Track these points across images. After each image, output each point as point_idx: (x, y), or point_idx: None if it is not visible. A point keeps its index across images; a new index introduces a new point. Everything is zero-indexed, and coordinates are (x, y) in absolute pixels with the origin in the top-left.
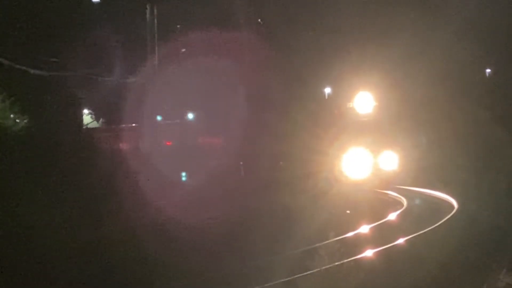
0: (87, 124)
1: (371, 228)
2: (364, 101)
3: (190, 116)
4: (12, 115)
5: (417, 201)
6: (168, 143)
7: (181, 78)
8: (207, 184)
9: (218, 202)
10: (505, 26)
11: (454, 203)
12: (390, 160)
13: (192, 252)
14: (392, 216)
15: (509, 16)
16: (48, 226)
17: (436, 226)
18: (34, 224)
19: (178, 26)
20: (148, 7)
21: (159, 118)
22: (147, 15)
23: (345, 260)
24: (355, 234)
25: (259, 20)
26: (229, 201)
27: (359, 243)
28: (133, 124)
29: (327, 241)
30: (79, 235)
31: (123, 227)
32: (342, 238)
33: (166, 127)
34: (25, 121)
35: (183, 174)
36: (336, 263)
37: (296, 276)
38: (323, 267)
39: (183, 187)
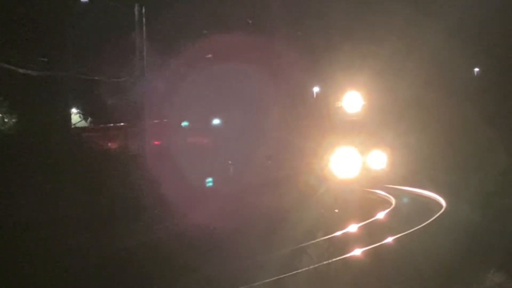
0: (76, 123)
1: (359, 227)
2: (352, 100)
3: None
4: (0, 114)
5: (405, 200)
6: (156, 142)
7: (171, 80)
8: (195, 184)
9: (205, 202)
10: (494, 25)
11: (443, 202)
12: (379, 159)
13: (178, 252)
14: (381, 215)
15: (497, 16)
16: (39, 224)
17: (424, 225)
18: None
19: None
20: (136, 6)
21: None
22: (136, 15)
23: (334, 259)
24: (344, 233)
25: (249, 20)
26: (216, 200)
27: (347, 242)
28: (121, 124)
29: (315, 241)
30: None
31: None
32: (330, 237)
33: (154, 126)
34: (14, 120)
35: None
36: (325, 262)
37: (284, 275)
38: (312, 266)
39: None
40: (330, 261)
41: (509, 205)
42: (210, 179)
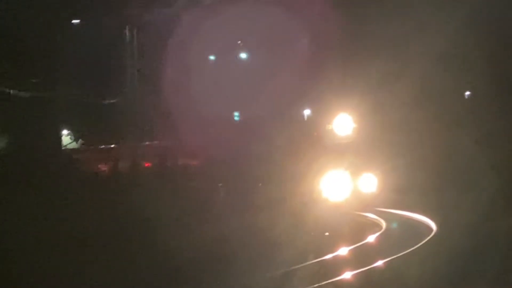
0: (66, 144)
1: (350, 250)
2: (343, 123)
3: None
4: None
5: (396, 224)
6: (147, 164)
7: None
8: (184, 206)
9: (196, 224)
10: (484, 48)
11: (433, 225)
12: (369, 182)
13: (168, 276)
14: (371, 238)
15: (488, 38)
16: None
17: (414, 249)
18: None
19: (239, 42)
20: (127, 27)
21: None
22: (127, 36)
23: (324, 282)
24: (334, 256)
25: (239, 42)
26: (206, 223)
27: (338, 265)
28: (112, 146)
29: (306, 263)
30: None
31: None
32: (321, 260)
33: (146, 148)
34: (4, 141)
35: None
36: (315, 285)
37: None
38: None
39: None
40: (320, 284)
41: (500, 227)
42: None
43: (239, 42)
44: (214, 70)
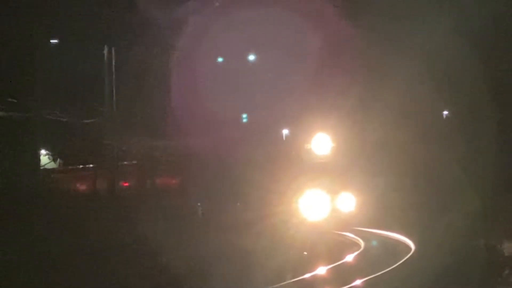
0: (45, 164)
1: (328, 270)
2: (321, 143)
3: None
4: None
5: (374, 243)
6: (125, 183)
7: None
8: (162, 225)
9: (174, 244)
10: (463, 68)
11: (411, 244)
12: (348, 202)
13: None
14: (349, 258)
15: (467, 58)
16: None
17: (392, 268)
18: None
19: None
20: (105, 47)
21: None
22: (105, 56)
23: None
24: (312, 276)
25: (219, 58)
26: (185, 242)
27: (316, 285)
28: (91, 165)
29: (284, 283)
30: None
31: None
32: (299, 280)
33: (124, 167)
34: None
35: None
36: None
37: None
38: None
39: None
40: None
41: (478, 246)
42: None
43: (220, 59)
44: (197, 90)
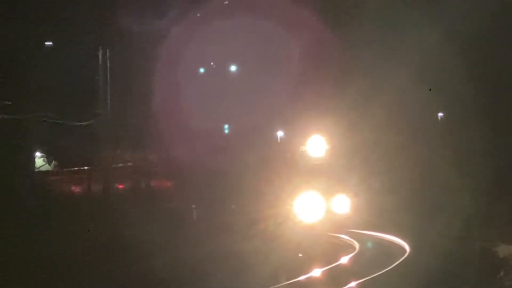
0: (39, 167)
1: (323, 272)
2: (316, 145)
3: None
4: None
5: (369, 245)
6: (120, 186)
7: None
8: (157, 227)
9: (169, 246)
10: (457, 70)
11: (406, 247)
12: (343, 204)
13: None
14: (344, 260)
15: (461, 61)
16: None
17: (387, 270)
18: None
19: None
20: (100, 49)
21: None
22: (99, 58)
23: None
24: (307, 278)
25: (212, 63)
26: (180, 245)
27: (311, 287)
28: (85, 167)
29: (279, 285)
30: None
31: None
32: (294, 282)
33: (119, 169)
34: None
35: None
36: None
37: None
38: None
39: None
40: None
41: (472, 248)
42: None
43: (212, 63)
44: (190, 90)
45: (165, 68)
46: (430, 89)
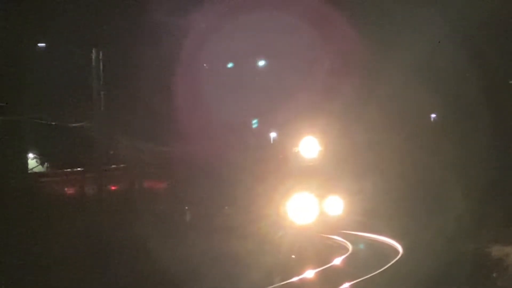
0: (32, 168)
1: (316, 273)
2: (309, 146)
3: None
4: None
5: (362, 246)
6: (113, 187)
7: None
8: (150, 229)
9: (162, 247)
10: (451, 71)
11: (399, 248)
12: (336, 205)
13: None
14: (337, 261)
15: (454, 62)
16: None
17: (380, 271)
18: None
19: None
20: (93, 51)
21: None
22: (93, 59)
23: None
24: (301, 279)
25: (204, 64)
26: (173, 246)
27: None
28: (79, 169)
29: (272, 286)
30: None
31: None
32: (287, 283)
33: (112, 171)
34: None
35: None
36: None
37: None
38: None
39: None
40: None
41: (465, 250)
42: None
43: (205, 65)
44: (182, 94)
45: (158, 71)
46: (424, 91)
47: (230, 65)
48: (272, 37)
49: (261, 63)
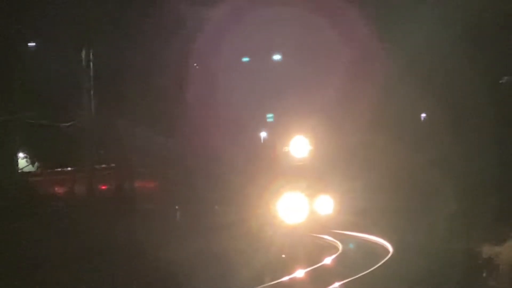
0: (23, 168)
1: (306, 273)
2: (300, 146)
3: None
4: None
5: (352, 246)
6: (103, 187)
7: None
8: (139, 229)
9: (152, 247)
10: (441, 70)
11: (390, 247)
12: (326, 204)
13: None
14: (328, 260)
15: (445, 61)
16: None
17: (371, 271)
18: None
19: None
20: (83, 50)
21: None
22: (83, 58)
23: None
24: (291, 279)
25: (195, 64)
26: (163, 245)
27: (294, 287)
28: (69, 168)
29: (262, 286)
30: None
31: None
32: (277, 283)
33: (102, 170)
34: None
35: None
36: None
37: None
38: None
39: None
40: None
41: (456, 249)
42: None
43: (196, 65)
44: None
45: (147, 71)
46: (414, 90)
47: (217, 64)
48: (258, 35)
49: (251, 61)
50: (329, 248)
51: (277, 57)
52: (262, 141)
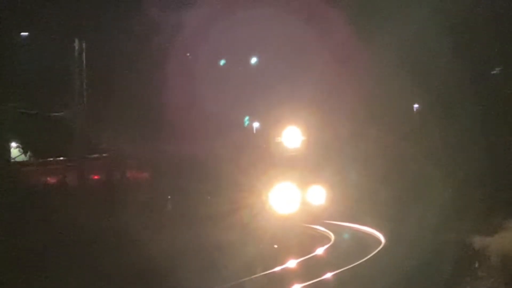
0: (15, 157)
1: (298, 263)
2: (292, 136)
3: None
4: None
5: (344, 236)
6: (95, 177)
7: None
8: (131, 219)
9: (144, 237)
10: (435, 61)
11: (382, 238)
12: (318, 195)
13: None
14: (320, 251)
15: (437, 52)
16: None
17: (363, 261)
18: None
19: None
20: (76, 40)
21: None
22: (75, 49)
23: None
24: (283, 269)
25: (188, 54)
26: (154, 236)
27: (286, 278)
28: (61, 158)
29: (254, 276)
30: None
31: None
32: (269, 273)
33: (94, 160)
34: None
35: None
36: None
37: None
38: None
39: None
40: None
41: (447, 240)
42: None
43: (188, 54)
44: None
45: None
46: (408, 81)
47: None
48: (252, 30)
49: (244, 55)
50: (321, 239)
51: (268, 49)
52: (254, 131)
